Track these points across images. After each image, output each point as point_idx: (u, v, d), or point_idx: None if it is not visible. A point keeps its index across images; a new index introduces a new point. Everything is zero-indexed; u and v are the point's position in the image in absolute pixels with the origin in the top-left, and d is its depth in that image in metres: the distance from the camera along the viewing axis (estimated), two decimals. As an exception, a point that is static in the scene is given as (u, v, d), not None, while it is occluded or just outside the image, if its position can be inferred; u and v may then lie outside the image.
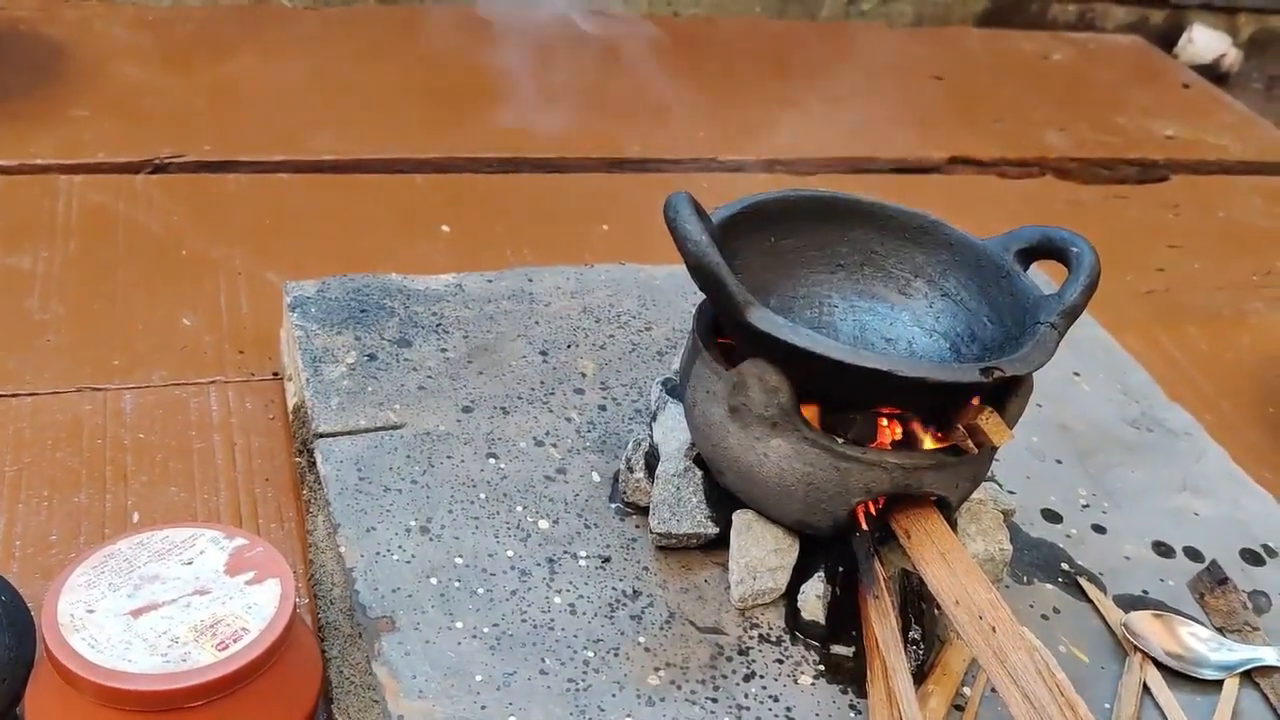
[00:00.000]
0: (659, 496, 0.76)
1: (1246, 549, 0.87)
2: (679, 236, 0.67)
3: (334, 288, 0.94)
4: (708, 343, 0.73)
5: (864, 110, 1.49)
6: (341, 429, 0.81)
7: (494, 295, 0.96)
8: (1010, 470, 0.89)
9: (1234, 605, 0.80)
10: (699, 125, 1.45)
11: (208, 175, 1.22)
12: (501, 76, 1.38)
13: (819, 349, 0.65)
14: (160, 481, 0.84)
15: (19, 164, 1.18)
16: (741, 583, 0.72)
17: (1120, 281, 1.27)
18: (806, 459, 0.69)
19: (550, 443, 0.83)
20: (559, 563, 0.74)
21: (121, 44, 1.43)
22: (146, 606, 0.60)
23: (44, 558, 0.77)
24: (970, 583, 0.68)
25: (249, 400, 0.92)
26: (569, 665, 0.68)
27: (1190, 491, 0.91)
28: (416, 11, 1.67)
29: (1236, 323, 1.26)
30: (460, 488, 0.78)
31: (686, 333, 0.92)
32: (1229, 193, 1.54)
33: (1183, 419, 0.99)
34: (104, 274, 1.05)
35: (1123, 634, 0.77)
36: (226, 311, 1.02)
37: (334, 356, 0.87)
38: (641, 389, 0.90)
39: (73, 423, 0.88)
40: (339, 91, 1.41)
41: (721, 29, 1.83)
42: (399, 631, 0.68)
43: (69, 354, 0.95)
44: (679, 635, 0.71)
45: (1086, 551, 0.84)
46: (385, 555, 0.72)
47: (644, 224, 1.22)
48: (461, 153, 1.32)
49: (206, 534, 0.65)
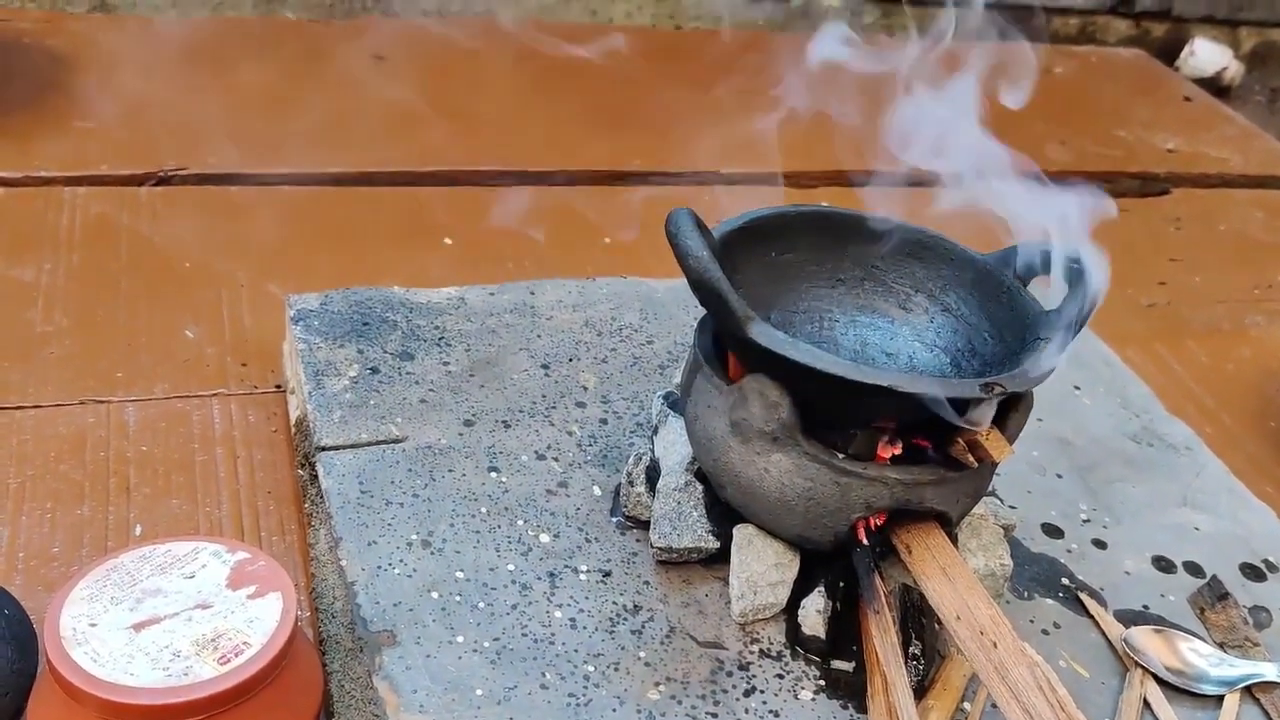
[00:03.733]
0: (660, 511, 0.76)
1: (1247, 564, 0.87)
2: (680, 252, 0.67)
3: (337, 301, 0.94)
4: (709, 357, 0.73)
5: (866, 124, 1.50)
6: (343, 442, 0.81)
7: (496, 308, 0.97)
8: (1011, 484, 0.89)
9: (1234, 620, 0.80)
10: (700, 138, 1.45)
11: (211, 187, 1.22)
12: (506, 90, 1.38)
13: (819, 364, 0.65)
14: (163, 494, 0.84)
15: (23, 175, 1.18)
16: (742, 597, 0.73)
17: (1121, 295, 1.27)
18: (807, 474, 0.69)
19: (551, 456, 0.83)
20: (560, 577, 0.74)
21: (126, 56, 1.43)
22: (149, 620, 0.60)
23: (46, 570, 0.77)
24: (971, 598, 0.68)
25: (251, 413, 0.93)
26: (569, 680, 0.68)
27: (1191, 506, 0.91)
28: (420, 24, 1.68)
29: (1237, 336, 1.26)
30: (462, 501, 0.78)
31: (688, 346, 0.92)
32: (1230, 206, 1.54)
33: (1183, 433, 0.99)
34: (107, 286, 1.05)
35: (1123, 649, 0.77)
36: (229, 324, 1.03)
37: (336, 370, 0.87)
38: (643, 403, 0.90)
39: (76, 435, 0.88)
40: (342, 104, 1.41)
41: (726, 40, 1.84)
42: (400, 645, 0.68)
43: (72, 366, 0.95)
44: (680, 650, 0.71)
45: (1087, 566, 0.84)
46: (387, 569, 0.72)
47: (645, 237, 1.23)
48: (463, 165, 1.33)
49: (209, 548, 0.65)
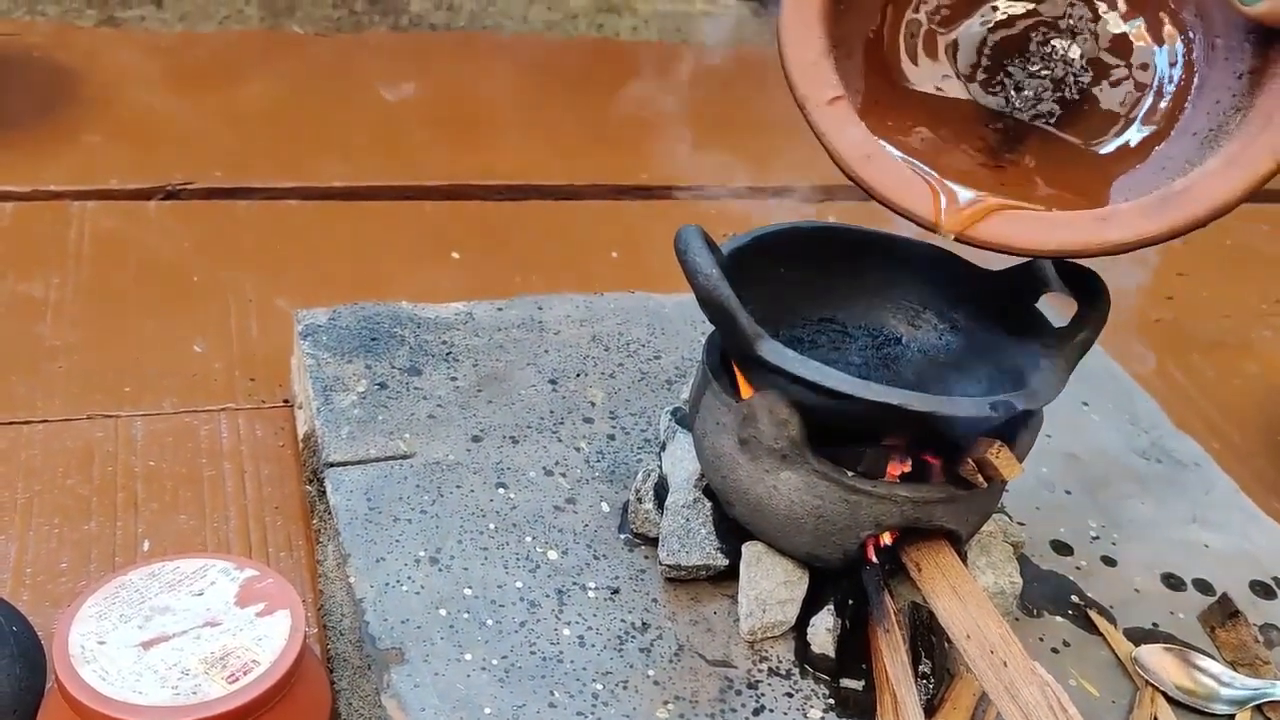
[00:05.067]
0: (668, 528, 0.76)
1: (1257, 581, 0.86)
2: (690, 270, 0.67)
3: (345, 316, 0.94)
4: (717, 374, 0.73)
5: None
6: (352, 458, 0.81)
7: (504, 324, 0.97)
8: (1020, 501, 0.89)
9: (1245, 639, 0.80)
10: (706, 152, 1.46)
11: (219, 201, 1.22)
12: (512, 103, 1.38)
13: (829, 382, 0.65)
14: (170, 509, 0.84)
15: (32, 190, 1.19)
16: (751, 615, 0.72)
17: (1129, 310, 1.27)
18: (816, 492, 0.69)
19: (559, 472, 0.83)
20: (568, 594, 0.74)
21: (133, 70, 1.44)
22: (157, 638, 0.60)
23: (54, 586, 0.77)
24: (981, 616, 0.68)
25: (259, 428, 0.93)
26: (578, 698, 0.68)
27: (1200, 523, 0.91)
28: (427, 38, 1.68)
29: (1244, 351, 1.26)
30: (470, 518, 0.78)
31: (695, 362, 0.92)
32: (1237, 220, 1.54)
33: (1191, 449, 0.99)
34: (115, 300, 1.05)
35: (1133, 668, 0.76)
36: (237, 338, 1.03)
37: (344, 385, 0.87)
38: (650, 418, 0.90)
39: (83, 450, 0.88)
40: (349, 118, 1.42)
41: (733, 55, 1.84)
42: (408, 663, 0.67)
43: (80, 380, 0.95)
44: (688, 668, 0.71)
45: (1096, 584, 0.83)
46: (395, 586, 0.72)
47: (653, 251, 1.24)
48: (471, 180, 1.33)
49: (217, 565, 0.65)
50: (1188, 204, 0.63)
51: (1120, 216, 0.64)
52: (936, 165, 0.69)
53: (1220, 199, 0.63)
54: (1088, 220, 0.65)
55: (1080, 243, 0.65)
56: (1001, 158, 0.71)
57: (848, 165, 0.68)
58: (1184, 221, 0.63)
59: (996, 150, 0.71)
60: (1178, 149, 0.67)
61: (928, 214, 0.66)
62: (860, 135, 0.69)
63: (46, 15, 1.52)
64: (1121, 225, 0.64)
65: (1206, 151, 0.65)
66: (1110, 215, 0.65)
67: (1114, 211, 0.65)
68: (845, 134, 0.69)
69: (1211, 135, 0.66)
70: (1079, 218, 0.65)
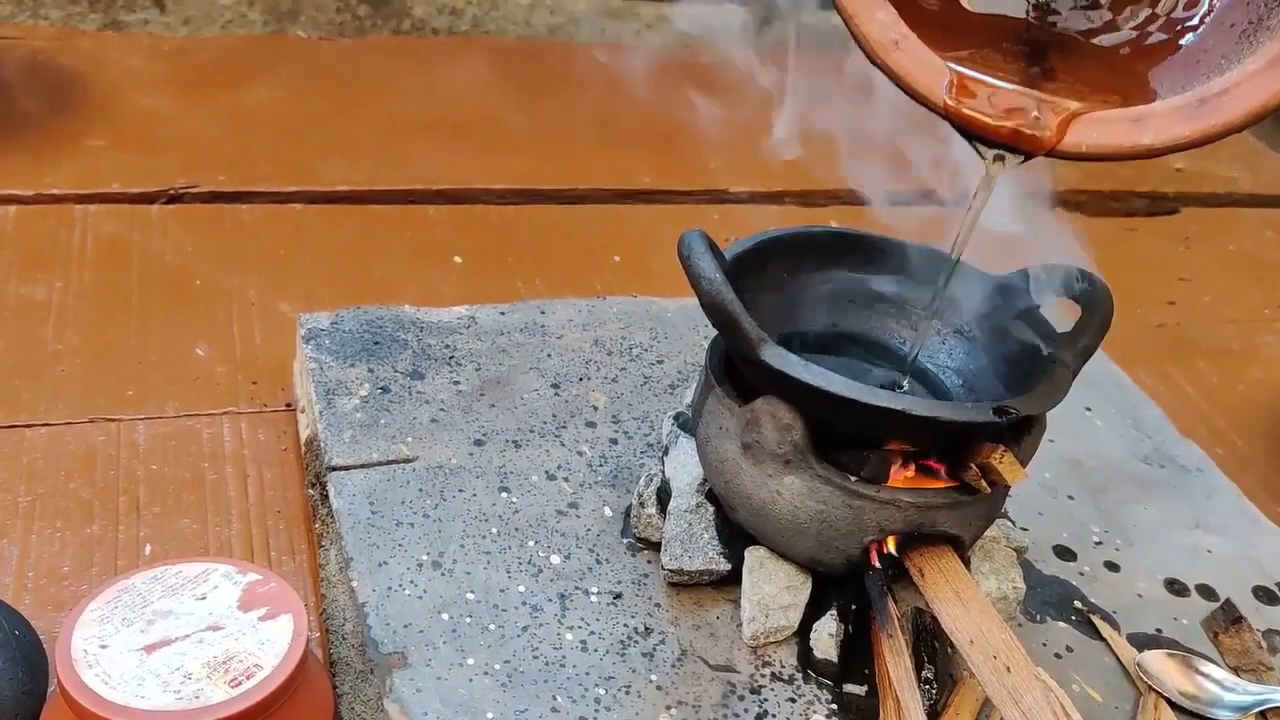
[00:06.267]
0: (671, 532, 0.76)
1: (1260, 587, 0.86)
2: (693, 275, 0.67)
3: (347, 320, 0.94)
4: (720, 379, 0.73)
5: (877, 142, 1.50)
6: (354, 462, 0.81)
7: (506, 327, 0.97)
8: (1023, 506, 0.89)
9: (1248, 644, 0.80)
10: (710, 156, 1.46)
11: (222, 205, 1.22)
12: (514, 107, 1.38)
13: (832, 387, 0.65)
14: (173, 513, 0.84)
15: (35, 194, 1.19)
16: (754, 620, 0.72)
17: (1131, 315, 1.27)
18: (820, 497, 0.69)
19: (562, 477, 0.83)
20: (570, 599, 0.74)
21: (137, 74, 1.44)
22: (160, 642, 0.60)
23: (56, 589, 0.77)
24: (985, 622, 0.68)
25: (262, 432, 0.93)
26: (580, 703, 0.67)
27: (1203, 529, 0.91)
28: (430, 43, 1.68)
29: (1248, 356, 1.25)
30: (472, 522, 0.78)
31: (698, 366, 0.92)
32: (1240, 225, 1.54)
33: (1195, 455, 0.99)
34: (118, 304, 1.05)
35: (1136, 673, 0.76)
36: (240, 342, 1.03)
37: (347, 389, 0.87)
38: (653, 422, 0.90)
39: (86, 454, 0.88)
40: (352, 122, 1.42)
41: (737, 61, 1.84)
42: (410, 668, 0.67)
43: (82, 384, 0.95)
44: (691, 673, 0.71)
45: (1100, 589, 0.83)
46: (397, 590, 0.72)
47: (655, 255, 1.24)
48: (473, 184, 1.33)
49: (220, 569, 0.65)
50: (1225, 107, 0.58)
51: (1154, 119, 0.59)
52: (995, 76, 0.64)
53: (1258, 102, 0.58)
54: (1121, 121, 0.60)
55: (1112, 145, 0.60)
56: (1034, 67, 0.67)
57: (874, 51, 0.63)
58: (1220, 126, 0.58)
59: (1029, 59, 0.67)
60: (1213, 42, 0.62)
61: (939, 101, 0.62)
62: (889, 18, 0.64)
63: (50, 19, 1.53)
64: (1156, 128, 0.59)
65: (1244, 48, 0.60)
66: (1144, 116, 0.60)
67: (1148, 112, 0.60)
68: (874, 17, 0.64)
69: (1251, 29, 0.61)
70: (1112, 118, 0.60)
